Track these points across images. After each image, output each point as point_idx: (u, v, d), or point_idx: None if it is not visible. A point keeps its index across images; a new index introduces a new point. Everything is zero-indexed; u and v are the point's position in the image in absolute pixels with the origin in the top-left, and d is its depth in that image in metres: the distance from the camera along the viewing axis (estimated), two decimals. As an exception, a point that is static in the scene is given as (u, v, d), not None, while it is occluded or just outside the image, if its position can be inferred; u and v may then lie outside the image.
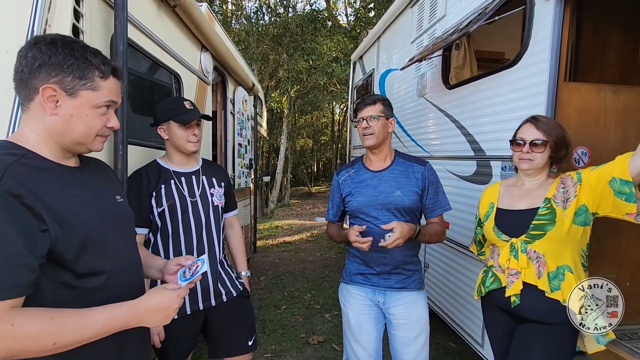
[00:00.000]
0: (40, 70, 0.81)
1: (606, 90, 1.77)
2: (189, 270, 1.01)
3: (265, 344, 2.93)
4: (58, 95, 0.82)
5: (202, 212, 1.61)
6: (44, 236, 0.75)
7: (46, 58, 0.81)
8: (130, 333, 0.96)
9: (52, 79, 0.81)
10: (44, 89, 0.81)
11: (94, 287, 0.86)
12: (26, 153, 0.81)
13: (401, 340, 1.64)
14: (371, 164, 1.67)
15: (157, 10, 1.88)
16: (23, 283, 0.71)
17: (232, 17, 10.82)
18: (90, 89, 0.85)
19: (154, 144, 1.89)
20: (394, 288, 1.63)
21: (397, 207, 1.57)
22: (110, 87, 0.89)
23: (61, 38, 0.84)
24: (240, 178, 3.80)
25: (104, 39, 1.45)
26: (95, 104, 0.87)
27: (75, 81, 0.83)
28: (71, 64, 0.82)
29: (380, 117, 1.57)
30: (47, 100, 0.82)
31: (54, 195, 0.80)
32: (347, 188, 1.67)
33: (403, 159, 1.66)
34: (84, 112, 0.86)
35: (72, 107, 0.84)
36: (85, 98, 0.85)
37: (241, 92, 3.88)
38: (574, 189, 1.33)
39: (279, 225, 8.55)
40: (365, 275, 1.66)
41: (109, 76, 0.88)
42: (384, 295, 1.65)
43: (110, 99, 0.89)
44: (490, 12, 1.83)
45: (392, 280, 1.62)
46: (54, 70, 0.81)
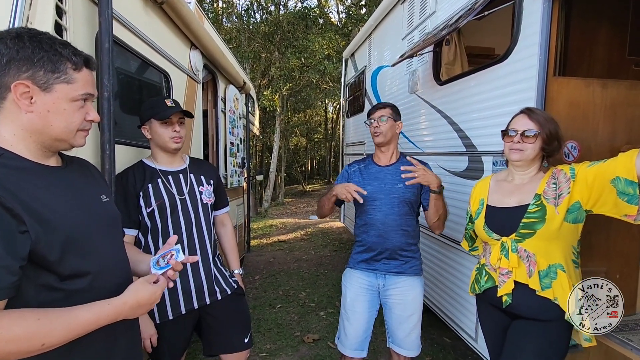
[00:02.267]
0: (9, 66, 0.77)
1: (595, 85, 1.78)
2: (162, 259, 0.99)
3: (260, 343, 2.92)
4: (32, 91, 0.79)
5: (191, 210, 1.59)
6: (24, 237, 0.73)
7: (14, 53, 0.77)
8: (121, 334, 0.95)
9: (23, 75, 0.78)
10: (15, 85, 0.78)
11: (79, 289, 0.84)
12: (4, 153, 0.78)
13: (396, 317, 1.84)
14: (379, 160, 1.90)
15: (144, 7, 1.85)
16: (3, 286, 0.69)
17: (223, 15, 10.72)
18: (65, 82, 0.82)
19: (142, 144, 1.86)
20: (393, 272, 1.82)
21: (398, 197, 1.78)
22: (85, 78, 0.86)
23: (27, 31, 0.81)
24: (232, 177, 3.77)
25: (88, 37, 1.42)
26: (72, 97, 0.84)
27: (47, 75, 0.80)
28: (41, 57, 0.79)
29: (388, 119, 1.82)
30: (21, 97, 0.79)
31: (34, 196, 0.77)
32: (356, 178, 1.89)
33: (407, 160, 1.84)
34: (61, 107, 0.83)
35: (47, 103, 0.81)
36: (60, 92, 0.82)
37: (232, 91, 3.85)
38: (567, 184, 1.30)
39: (273, 224, 8.52)
40: (367, 262, 1.85)
41: (82, 67, 0.85)
42: (383, 279, 1.84)
43: (87, 92, 0.86)
44: (480, 8, 1.83)
45: (391, 265, 1.81)
46: (24, 65, 0.78)
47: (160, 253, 1.02)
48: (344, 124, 5.64)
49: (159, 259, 1.00)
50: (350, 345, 1.86)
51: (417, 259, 1.87)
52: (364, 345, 1.88)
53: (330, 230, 7.64)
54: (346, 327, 1.88)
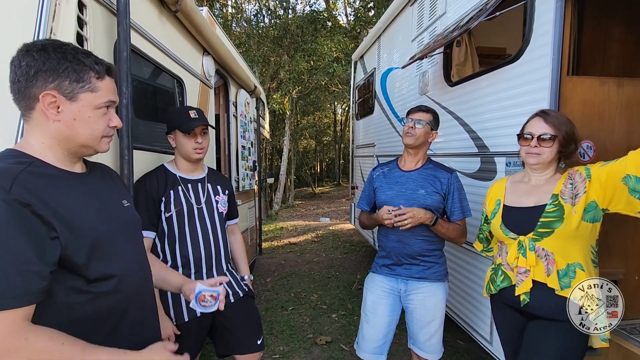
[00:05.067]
0: (36, 77, 0.80)
1: (610, 83, 1.75)
2: (211, 297, 1.02)
3: (273, 345, 2.94)
4: (58, 101, 0.82)
5: (207, 218, 1.65)
6: (55, 243, 0.76)
7: (40, 64, 0.80)
8: (144, 333, 0.98)
9: (50, 85, 0.81)
10: (43, 96, 0.80)
11: (105, 292, 0.87)
12: (34, 161, 0.81)
13: (417, 322, 1.81)
14: (404, 165, 1.87)
15: (159, 16, 1.89)
16: (35, 290, 0.72)
17: (233, 20, 10.85)
18: (89, 90, 0.85)
19: (158, 149, 1.91)
20: (414, 278, 1.79)
21: (419, 203, 1.74)
22: (108, 86, 0.89)
23: (51, 43, 0.84)
24: (244, 180, 3.81)
25: (107, 46, 1.47)
26: (96, 105, 0.87)
27: (73, 85, 0.83)
28: (66, 67, 0.82)
29: (426, 125, 1.78)
30: (49, 107, 0.82)
31: (63, 202, 0.80)
32: (379, 182, 1.89)
33: (433, 165, 1.84)
34: (86, 115, 0.86)
35: (74, 111, 0.84)
36: (85, 100, 0.85)
37: (243, 95, 3.89)
38: (583, 184, 1.30)
39: (283, 226, 8.56)
40: (389, 267, 1.85)
41: (105, 76, 0.88)
42: (405, 284, 1.82)
43: (109, 99, 0.89)
44: (491, 8, 1.82)
45: (413, 270, 1.79)
46: (51, 76, 0.81)
47: (207, 286, 1.04)
48: (354, 126, 5.64)
49: (205, 294, 1.02)
50: (369, 349, 1.84)
51: (441, 264, 1.83)
52: (384, 350, 1.85)
53: (341, 233, 7.63)
54: (365, 330, 1.86)
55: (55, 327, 0.77)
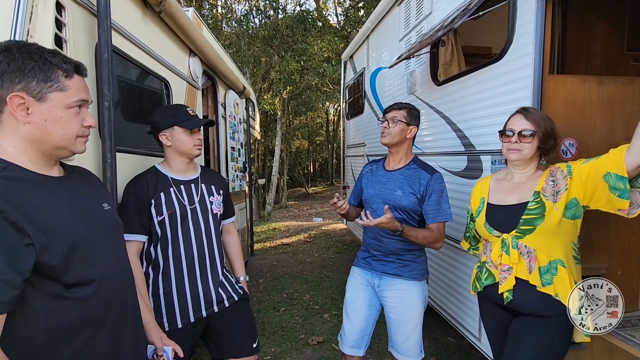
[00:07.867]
0: (2, 79, 0.78)
1: (591, 82, 1.78)
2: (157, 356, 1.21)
3: (265, 346, 2.93)
4: (27, 102, 0.80)
5: (201, 220, 1.61)
6: (29, 250, 0.74)
7: (5, 66, 0.78)
8: (124, 338, 0.96)
9: (17, 86, 0.79)
10: (11, 97, 0.79)
11: (84, 297, 0.85)
12: (8, 166, 0.80)
13: (393, 322, 1.81)
14: (388, 164, 1.87)
15: (142, 16, 1.87)
16: (5, 300, 0.70)
17: (223, 21, 10.80)
18: (58, 90, 0.83)
19: (143, 151, 1.89)
20: (389, 274, 1.79)
21: (394, 204, 1.73)
22: (78, 85, 0.87)
23: (15, 43, 0.82)
24: (234, 182, 3.79)
25: (88, 48, 1.45)
26: (67, 104, 0.85)
27: (40, 85, 0.81)
28: (32, 67, 0.80)
29: (400, 122, 1.75)
30: (17, 109, 0.80)
31: (38, 207, 0.79)
32: (366, 179, 1.91)
33: (416, 165, 1.80)
34: (57, 115, 0.84)
35: (44, 112, 0.82)
36: (55, 100, 0.83)
37: (232, 96, 3.87)
38: (564, 181, 1.32)
39: (276, 227, 8.54)
40: (366, 260, 1.87)
41: (74, 74, 0.87)
42: (379, 279, 1.82)
43: (80, 98, 0.88)
44: (474, 8, 1.84)
45: (388, 266, 1.79)
46: (17, 77, 0.79)
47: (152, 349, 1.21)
48: (345, 126, 5.65)
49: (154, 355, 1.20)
50: (348, 342, 1.86)
51: (419, 264, 1.79)
52: (361, 344, 1.85)
53: (334, 233, 7.64)
54: (345, 325, 1.89)
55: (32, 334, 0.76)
